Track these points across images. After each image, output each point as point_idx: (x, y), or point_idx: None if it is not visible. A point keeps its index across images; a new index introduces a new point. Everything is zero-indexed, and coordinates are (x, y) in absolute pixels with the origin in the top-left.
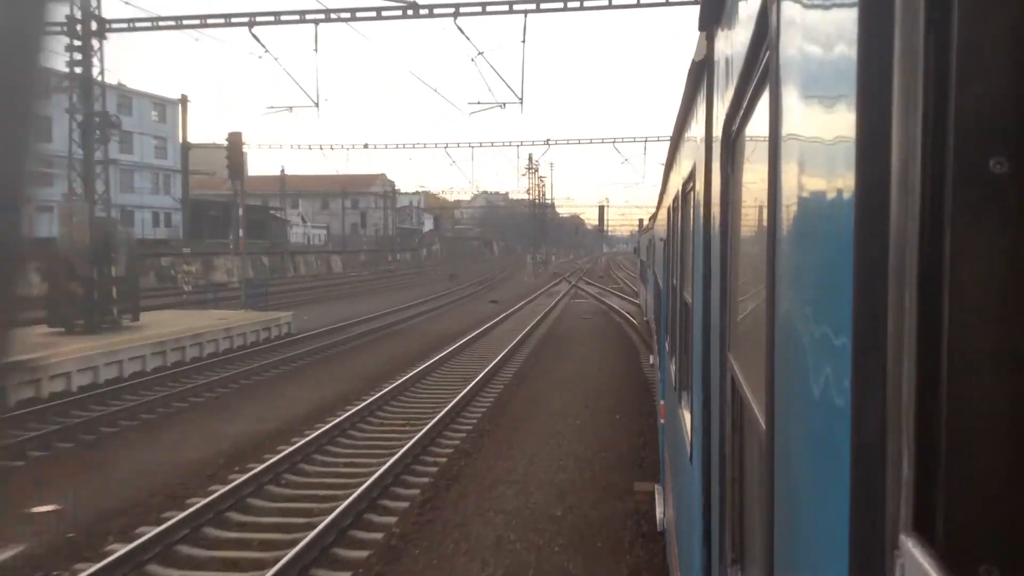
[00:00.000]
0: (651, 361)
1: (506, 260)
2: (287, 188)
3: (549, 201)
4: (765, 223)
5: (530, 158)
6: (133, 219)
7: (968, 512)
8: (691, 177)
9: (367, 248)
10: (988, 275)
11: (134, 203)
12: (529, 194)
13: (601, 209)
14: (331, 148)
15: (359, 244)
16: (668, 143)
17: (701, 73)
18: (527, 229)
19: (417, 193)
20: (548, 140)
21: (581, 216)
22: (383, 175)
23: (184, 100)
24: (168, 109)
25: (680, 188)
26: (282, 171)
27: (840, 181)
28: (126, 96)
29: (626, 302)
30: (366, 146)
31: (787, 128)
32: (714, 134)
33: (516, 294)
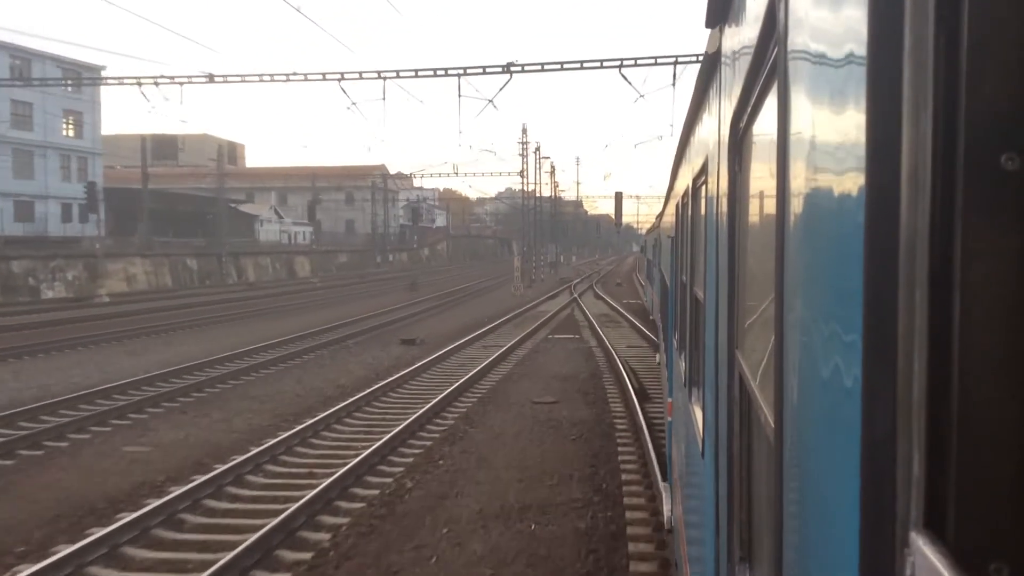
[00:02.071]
0: (657, 360)
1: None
2: (277, 182)
3: (564, 194)
4: (774, 221)
5: (524, 131)
6: (33, 211)
7: (979, 510)
8: (702, 172)
9: (350, 248)
10: (1000, 271)
11: (33, 192)
12: (523, 176)
13: (618, 196)
14: (155, 83)
15: (354, 243)
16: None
17: (713, 67)
18: (549, 227)
19: (433, 189)
20: (509, 65)
21: (595, 204)
22: (383, 166)
23: None
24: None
25: (691, 183)
26: (220, 153)
27: (850, 178)
28: (23, 57)
29: (643, 341)
30: (211, 78)
31: (795, 125)
32: (725, 130)
33: (476, 318)
